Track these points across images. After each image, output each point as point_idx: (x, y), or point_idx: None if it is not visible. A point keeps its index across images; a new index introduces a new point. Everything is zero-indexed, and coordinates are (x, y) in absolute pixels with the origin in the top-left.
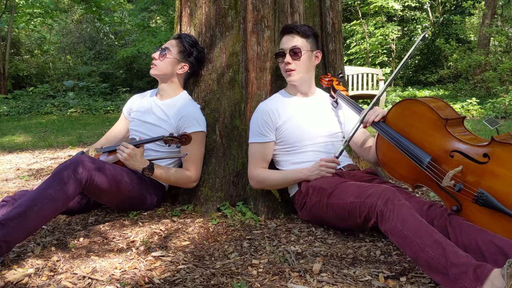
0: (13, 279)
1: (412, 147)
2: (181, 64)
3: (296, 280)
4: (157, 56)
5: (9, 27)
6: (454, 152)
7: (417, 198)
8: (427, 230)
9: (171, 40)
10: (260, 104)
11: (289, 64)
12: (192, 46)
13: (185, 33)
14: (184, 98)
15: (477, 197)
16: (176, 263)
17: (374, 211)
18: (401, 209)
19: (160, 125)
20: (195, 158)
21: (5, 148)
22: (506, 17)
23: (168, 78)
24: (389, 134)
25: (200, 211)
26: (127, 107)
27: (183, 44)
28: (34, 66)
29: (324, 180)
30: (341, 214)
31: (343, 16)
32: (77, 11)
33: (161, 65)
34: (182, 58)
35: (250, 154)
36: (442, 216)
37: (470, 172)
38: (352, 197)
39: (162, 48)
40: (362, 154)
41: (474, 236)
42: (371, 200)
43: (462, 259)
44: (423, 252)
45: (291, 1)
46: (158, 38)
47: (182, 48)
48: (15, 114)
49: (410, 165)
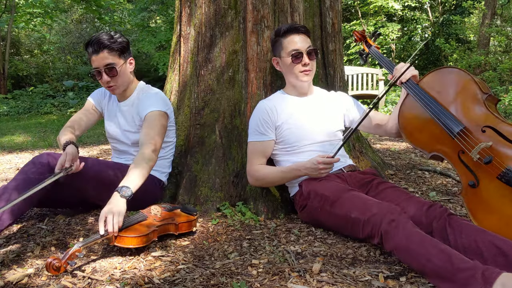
0: (13, 279)
1: (445, 113)
2: (127, 62)
3: (296, 280)
4: (108, 79)
5: (9, 27)
6: (486, 128)
7: (416, 198)
8: (431, 242)
9: (103, 54)
10: (259, 103)
11: (308, 64)
12: (117, 40)
13: (95, 36)
14: (139, 89)
15: (503, 174)
16: (176, 263)
17: (378, 230)
18: (406, 226)
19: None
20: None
21: (5, 148)
22: (506, 17)
23: (128, 84)
24: (422, 96)
25: (200, 211)
26: (97, 100)
27: (114, 47)
28: (34, 66)
29: (327, 186)
30: (343, 225)
31: (343, 16)
32: (77, 11)
33: (119, 80)
34: (124, 57)
35: (249, 152)
36: (441, 216)
37: (499, 150)
38: (356, 212)
39: (107, 68)
40: (379, 131)
41: (474, 237)
42: (375, 219)
43: (469, 264)
44: (429, 262)
45: (291, 1)
46: (158, 38)
47: (118, 50)
48: (14, 114)
49: (434, 132)
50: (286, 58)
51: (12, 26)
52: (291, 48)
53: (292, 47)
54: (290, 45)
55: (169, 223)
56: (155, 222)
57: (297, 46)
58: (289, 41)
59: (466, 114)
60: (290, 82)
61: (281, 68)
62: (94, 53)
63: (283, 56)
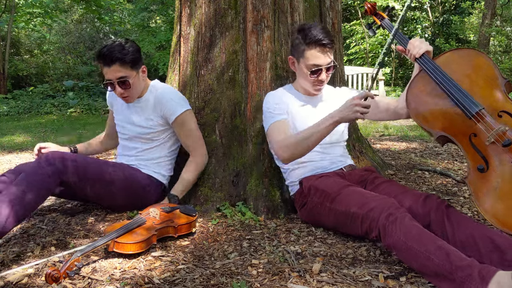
0: (13, 279)
1: (463, 92)
2: (140, 71)
3: (296, 280)
4: (121, 91)
5: (9, 26)
6: (503, 113)
7: (413, 191)
8: (429, 238)
9: (115, 67)
10: (268, 94)
11: (324, 81)
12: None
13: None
14: (153, 89)
15: None
16: (176, 263)
17: (376, 225)
18: (403, 221)
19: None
20: (193, 139)
21: (5, 148)
22: (505, 17)
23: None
24: (437, 72)
25: (199, 211)
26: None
27: (126, 60)
28: (33, 66)
29: (327, 183)
30: (342, 221)
31: (343, 16)
32: (77, 11)
33: (133, 91)
34: (137, 68)
35: (271, 134)
36: (439, 208)
37: None
38: (355, 207)
39: (120, 82)
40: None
41: (471, 231)
42: (373, 214)
43: (466, 262)
44: (428, 260)
45: (291, 1)
46: (158, 38)
47: (130, 62)
48: (14, 114)
49: (446, 111)
50: (304, 68)
51: (12, 26)
52: (312, 62)
53: (313, 62)
54: (312, 59)
55: (168, 225)
56: (154, 225)
57: (318, 62)
58: (312, 54)
59: (483, 96)
60: (301, 84)
61: (295, 69)
62: (105, 66)
63: (301, 63)
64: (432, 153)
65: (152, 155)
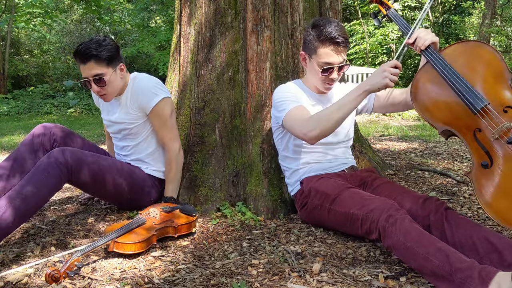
0: (13, 279)
1: (468, 86)
2: (117, 69)
3: (296, 280)
4: (97, 89)
5: (9, 26)
6: (509, 108)
7: (412, 192)
8: (429, 239)
9: (90, 64)
10: (279, 86)
11: (334, 80)
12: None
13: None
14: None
15: None
16: (175, 263)
17: (376, 227)
18: (403, 222)
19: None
20: (167, 130)
21: (5, 148)
22: (505, 17)
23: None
24: (443, 65)
25: (199, 211)
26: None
27: (101, 57)
28: (33, 66)
29: (327, 184)
30: (342, 222)
31: (343, 16)
32: (77, 11)
33: (109, 89)
34: (113, 65)
35: (291, 118)
36: (438, 210)
37: None
38: (355, 208)
39: (95, 79)
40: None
41: (470, 232)
42: (373, 215)
43: (466, 264)
44: (427, 261)
45: (291, 1)
46: (158, 38)
47: (106, 59)
48: (14, 114)
49: (450, 105)
50: (316, 65)
51: (12, 26)
52: (325, 60)
53: (326, 60)
54: (325, 56)
55: (168, 225)
56: (154, 225)
57: (331, 60)
58: (326, 52)
59: (489, 91)
60: (311, 81)
61: (306, 65)
62: (81, 63)
63: (313, 60)
64: (432, 153)
65: (146, 151)
